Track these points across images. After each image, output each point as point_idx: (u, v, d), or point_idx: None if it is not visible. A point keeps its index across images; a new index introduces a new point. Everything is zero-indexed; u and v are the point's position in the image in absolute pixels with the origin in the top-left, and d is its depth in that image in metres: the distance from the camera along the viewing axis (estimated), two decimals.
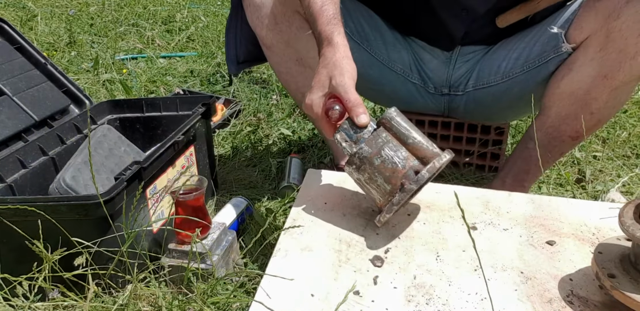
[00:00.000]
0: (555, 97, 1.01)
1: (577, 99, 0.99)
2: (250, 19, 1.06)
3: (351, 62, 0.82)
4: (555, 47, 0.99)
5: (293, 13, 1.01)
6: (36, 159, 1.07)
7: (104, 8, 3.12)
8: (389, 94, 1.23)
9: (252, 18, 1.05)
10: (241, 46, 1.16)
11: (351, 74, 0.80)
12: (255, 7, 1.03)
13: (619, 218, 0.64)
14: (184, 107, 1.26)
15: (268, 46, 1.08)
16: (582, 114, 1.00)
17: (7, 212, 0.80)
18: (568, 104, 1.00)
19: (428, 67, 1.18)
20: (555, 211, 0.87)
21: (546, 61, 1.02)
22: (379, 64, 1.16)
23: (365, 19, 1.14)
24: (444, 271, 0.75)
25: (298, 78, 1.11)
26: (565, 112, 1.01)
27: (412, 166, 0.77)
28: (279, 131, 1.59)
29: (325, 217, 0.86)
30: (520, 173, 1.13)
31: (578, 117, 1.00)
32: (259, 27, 1.05)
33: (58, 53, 2.38)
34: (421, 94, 1.21)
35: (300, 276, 0.74)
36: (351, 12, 1.11)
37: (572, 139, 1.05)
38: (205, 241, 0.91)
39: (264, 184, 1.33)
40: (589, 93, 0.97)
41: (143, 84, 2.01)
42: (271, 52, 1.09)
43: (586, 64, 0.95)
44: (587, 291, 0.70)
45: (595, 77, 0.95)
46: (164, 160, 0.98)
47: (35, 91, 1.22)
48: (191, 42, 2.57)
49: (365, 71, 1.15)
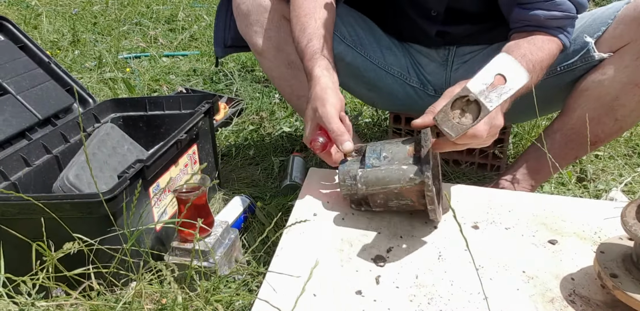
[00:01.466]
0: (582, 100, 1.01)
1: (604, 104, 0.99)
2: (240, 27, 1.08)
3: (333, 92, 0.84)
4: (585, 56, 0.99)
5: (280, 18, 1.04)
6: (40, 157, 1.07)
7: (107, 7, 3.13)
8: (388, 97, 1.22)
9: (242, 26, 1.08)
10: (230, 30, 1.18)
11: (332, 102, 0.82)
12: (243, 16, 1.06)
13: (622, 217, 0.64)
14: (186, 105, 1.26)
15: (259, 52, 1.09)
16: (606, 119, 1.00)
17: (11, 210, 0.81)
18: (593, 108, 1.00)
19: (426, 71, 1.18)
20: (557, 210, 0.87)
21: (572, 69, 1.02)
22: (374, 68, 1.17)
23: (359, 24, 1.15)
24: (446, 270, 0.75)
25: (292, 81, 1.12)
26: (589, 116, 1.01)
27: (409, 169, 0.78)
28: (281, 130, 1.60)
29: (327, 216, 0.86)
30: (531, 172, 1.12)
31: (601, 122, 1.01)
32: (248, 35, 1.08)
33: (61, 52, 2.38)
34: (420, 96, 1.21)
35: (303, 276, 0.74)
36: (343, 17, 1.12)
37: (590, 144, 1.05)
38: (208, 239, 0.91)
39: (266, 183, 1.33)
40: (617, 99, 0.97)
41: (146, 83, 2.01)
42: (263, 58, 1.10)
43: (620, 70, 0.95)
44: (589, 290, 0.70)
45: (626, 84, 0.95)
46: (167, 158, 0.98)
47: (38, 90, 1.22)
48: (194, 41, 2.58)
49: (362, 74, 1.16)
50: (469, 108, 0.71)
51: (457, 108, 0.71)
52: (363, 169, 0.81)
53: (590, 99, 1.00)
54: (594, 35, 0.98)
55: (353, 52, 1.13)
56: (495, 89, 0.69)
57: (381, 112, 1.66)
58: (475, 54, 1.14)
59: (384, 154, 0.81)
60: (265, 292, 0.71)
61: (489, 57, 1.16)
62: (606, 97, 0.98)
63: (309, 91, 0.87)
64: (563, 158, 1.08)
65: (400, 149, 0.81)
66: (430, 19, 1.10)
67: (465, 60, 1.14)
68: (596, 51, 0.98)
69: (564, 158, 1.08)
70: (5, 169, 0.97)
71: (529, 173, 1.12)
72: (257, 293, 0.71)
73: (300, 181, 1.24)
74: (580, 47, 1.00)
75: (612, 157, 1.41)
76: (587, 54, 0.99)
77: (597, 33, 0.98)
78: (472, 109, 0.70)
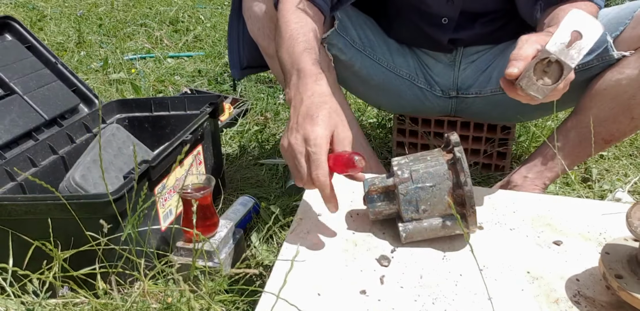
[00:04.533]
0: (598, 99, 1.01)
1: (620, 102, 0.99)
2: (251, 29, 1.07)
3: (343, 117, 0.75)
4: (602, 54, 0.99)
5: None
6: (46, 157, 1.08)
7: (112, 8, 3.14)
8: (396, 99, 1.23)
9: (253, 29, 1.06)
10: (244, 51, 1.17)
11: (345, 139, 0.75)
12: (256, 18, 1.04)
13: (627, 218, 0.64)
14: (191, 106, 1.27)
15: (270, 55, 1.08)
16: (622, 118, 1.00)
17: (18, 210, 0.81)
18: (609, 107, 1.00)
19: (433, 72, 1.18)
20: (562, 211, 0.87)
21: (589, 67, 1.02)
22: (384, 71, 1.17)
23: (368, 26, 1.15)
24: (450, 270, 0.75)
25: None
26: (604, 115, 1.01)
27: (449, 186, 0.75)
28: None
29: (331, 216, 0.86)
30: (543, 170, 1.12)
31: (617, 121, 1.01)
32: (260, 38, 1.06)
33: (67, 53, 2.40)
34: (428, 97, 1.21)
35: (307, 276, 0.74)
36: (353, 19, 1.12)
37: (604, 142, 1.05)
38: (213, 240, 0.92)
39: (271, 183, 1.34)
40: (634, 98, 0.97)
41: (151, 84, 2.02)
42: (274, 61, 1.07)
43: (639, 69, 0.95)
44: (594, 291, 0.70)
45: None
46: (172, 159, 0.99)
47: (45, 90, 1.23)
48: (198, 42, 2.59)
49: (370, 78, 1.16)
50: (550, 69, 0.72)
51: (539, 71, 0.73)
52: (403, 225, 0.77)
53: (607, 98, 1.00)
54: (612, 35, 0.98)
55: (362, 56, 1.13)
56: (573, 46, 0.71)
57: (385, 113, 1.66)
58: (483, 54, 1.14)
59: (422, 207, 0.76)
60: (269, 292, 0.71)
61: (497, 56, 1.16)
62: (623, 96, 0.98)
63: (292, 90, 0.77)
64: (577, 156, 1.08)
65: (438, 198, 0.75)
66: (441, 28, 1.10)
67: (472, 60, 1.14)
68: (615, 50, 0.97)
69: (578, 156, 1.08)
70: (12, 170, 0.98)
71: (543, 171, 1.12)
72: (262, 293, 0.71)
73: None
74: (597, 46, 0.99)
75: (617, 157, 1.41)
76: (605, 53, 0.99)
77: (615, 33, 0.98)
78: (554, 69, 0.72)
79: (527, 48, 0.74)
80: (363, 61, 1.14)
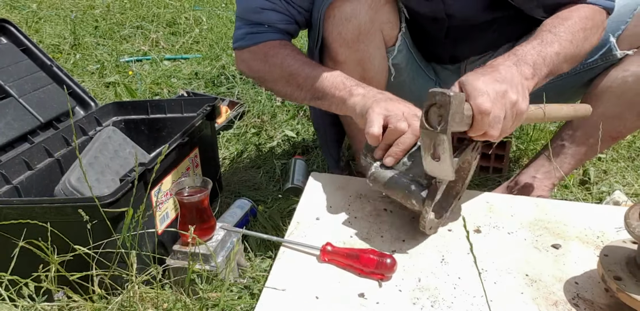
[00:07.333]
0: (604, 97, 1.01)
1: (626, 100, 0.99)
2: (331, 33, 0.99)
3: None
4: (606, 54, 1.00)
5: (376, 31, 0.99)
6: (42, 160, 1.07)
7: (108, 10, 3.13)
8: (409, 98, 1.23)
9: (334, 32, 0.98)
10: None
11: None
12: (342, 20, 0.97)
13: (625, 220, 0.64)
14: (188, 109, 1.26)
15: (338, 62, 1.02)
16: (628, 114, 1.00)
17: (13, 213, 0.81)
18: (615, 105, 1.01)
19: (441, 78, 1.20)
20: (559, 214, 0.87)
21: (593, 67, 1.03)
22: (428, 79, 1.19)
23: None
24: (449, 273, 0.74)
25: None
26: (611, 113, 1.01)
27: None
28: (283, 133, 1.60)
29: (329, 220, 0.86)
30: (552, 170, 1.12)
31: (623, 118, 1.01)
32: (337, 42, 0.99)
33: (63, 55, 2.39)
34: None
35: (305, 279, 0.74)
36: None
37: (612, 139, 1.05)
38: (210, 243, 0.91)
39: (268, 186, 1.33)
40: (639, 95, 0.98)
41: (148, 86, 2.02)
42: (340, 68, 1.02)
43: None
44: (593, 293, 0.70)
45: None
46: (168, 162, 0.98)
47: (41, 93, 1.22)
48: (195, 45, 2.58)
49: (416, 88, 1.16)
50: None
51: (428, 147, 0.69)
52: (378, 165, 0.79)
53: (613, 95, 1.00)
54: (614, 34, 0.99)
55: (413, 62, 1.14)
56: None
57: None
58: (486, 60, 1.15)
59: (405, 160, 0.77)
60: (267, 296, 0.71)
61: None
62: (629, 93, 0.98)
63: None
64: (584, 155, 1.08)
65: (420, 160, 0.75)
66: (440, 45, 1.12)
67: (477, 65, 1.16)
68: (618, 49, 0.98)
69: (585, 154, 1.09)
70: (7, 173, 0.97)
71: (551, 170, 1.12)
72: (260, 297, 0.71)
73: (302, 184, 1.24)
74: (600, 45, 1.00)
75: (615, 160, 1.41)
76: (609, 52, 0.99)
77: (617, 32, 0.98)
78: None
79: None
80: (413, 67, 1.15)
